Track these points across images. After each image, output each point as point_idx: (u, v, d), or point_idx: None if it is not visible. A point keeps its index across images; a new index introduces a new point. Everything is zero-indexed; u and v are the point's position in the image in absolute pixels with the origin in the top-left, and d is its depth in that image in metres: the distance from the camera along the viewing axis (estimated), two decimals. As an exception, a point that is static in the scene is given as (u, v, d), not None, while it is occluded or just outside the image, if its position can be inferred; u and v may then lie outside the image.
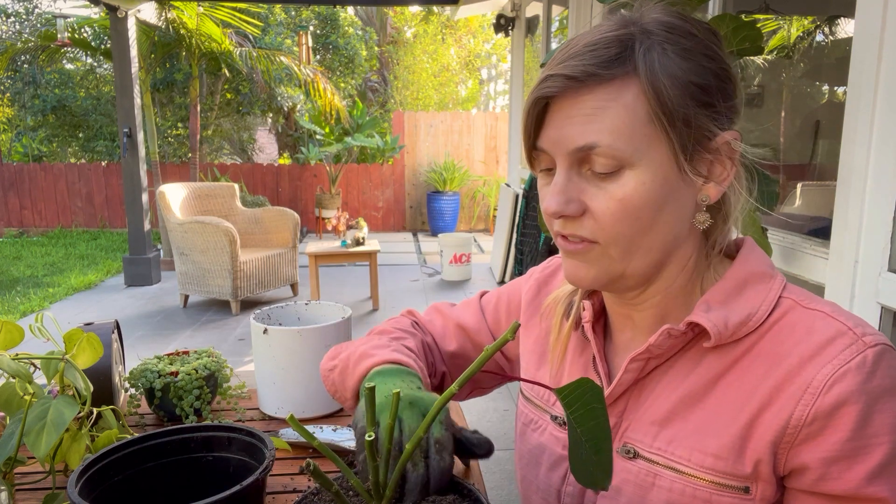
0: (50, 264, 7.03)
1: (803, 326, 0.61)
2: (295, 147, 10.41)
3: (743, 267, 0.66)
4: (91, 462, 0.78)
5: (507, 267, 5.86)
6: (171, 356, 1.30)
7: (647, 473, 0.66)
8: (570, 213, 0.62)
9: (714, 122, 0.61)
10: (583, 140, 0.60)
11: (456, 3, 6.39)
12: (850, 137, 1.45)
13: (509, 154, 6.78)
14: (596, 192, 0.62)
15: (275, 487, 0.99)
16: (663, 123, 0.59)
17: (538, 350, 0.83)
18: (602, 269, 0.64)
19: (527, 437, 0.81)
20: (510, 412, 3.36)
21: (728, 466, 0.61)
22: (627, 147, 0.59)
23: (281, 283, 5.40)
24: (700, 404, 0.64)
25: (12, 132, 10.84)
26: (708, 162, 0.63)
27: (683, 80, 0.59)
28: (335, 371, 0.84)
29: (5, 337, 0.93)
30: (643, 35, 0.61)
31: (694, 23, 0.63)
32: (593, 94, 0.60)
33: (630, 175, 0.60)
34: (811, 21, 2.82)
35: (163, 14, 6.40)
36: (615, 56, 0.59)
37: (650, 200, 0.61)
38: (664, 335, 0.64)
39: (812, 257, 1.66)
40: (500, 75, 15.04)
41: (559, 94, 0.61)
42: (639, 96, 0.59)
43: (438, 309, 0.97)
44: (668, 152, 0.60)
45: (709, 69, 0.61)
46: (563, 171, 0.63)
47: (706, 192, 0.63)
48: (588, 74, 0.59)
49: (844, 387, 0.56)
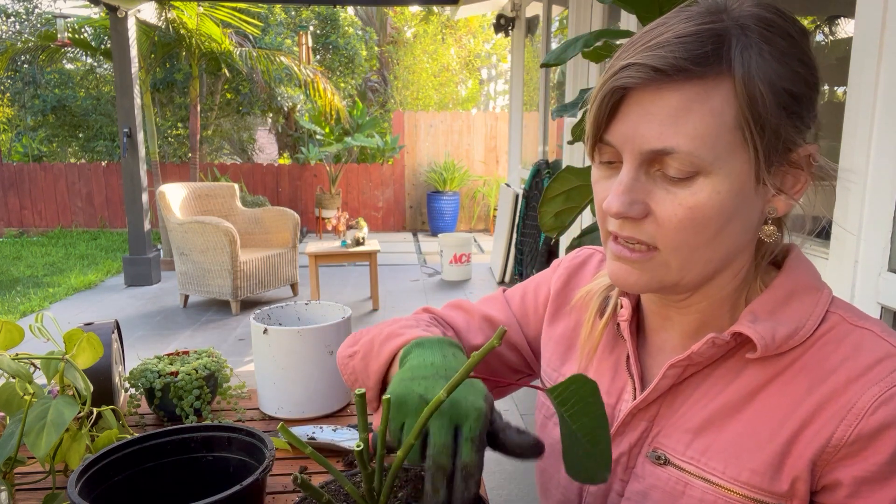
0: (50, 264, 7.03)
1: (850, 344, 0.59)
2: (295, 147, 10.41)
3: (790, 277, 0.64)
4: (91, 462, 0.78)
5: (507, 267, 5.86)
6: (171, 356, 1.30)
7: (677, 482, 0.64)
8: (632, 215, 0.58)
9: (799, 134, 0.57)
10: (660, 143, 0.55)
11: (456, 3, 6.39)
12: (850, 137, 1.45)
13: (509, 154, 6.78)
14: (664, 197, 0.57)
15: (275, 487, 0.99)
16: (752, 132, 0.55)
17: (565, 343, 0.80)
18: (656, 278, 0.61)
19: (548, 429, 0.78)
20: (510, 412, 3.35)
21: (765, 483, 0.59)
22: (708, 154, 0.55)
23: (281, 283, 5.40)
24: (738, 415, 0.61)
25: (12, 132, 10.84)
26: (783, 174, 0.59)
27: (778, 87, 0.55)
28: (356, 357, 0.78)
29: (5, 337, 0.93)
30: (739, 30, 0.55)
31: (790, 21, 0.58)
32: (680, 91, 0.54)
33: (704, 182, 0.56)
34: (811, 21, 2.82)
35: (163, 14, 6.40)
36: (710, 52, 0.54)
37: (721, 211, 0.56)
38: (708, 344, 0.61)
39: (812, 257, 1.66)
40: (500, 75, 15.03)
41: (640, 86, 0.55)
42: (729, 100, 0.54)
43: (458, 304, 0.91)
44: (749, 162, 0.56)
45: (802, 76, 0.56)
46: (630, 170, 0.58)
47: (775, 205, 0.60)
48: (678, 69, 0.54)
49: (890, 410, 0.54)
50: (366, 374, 0.76)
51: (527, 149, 6.35)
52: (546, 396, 0.80)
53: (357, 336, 0.82)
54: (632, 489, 0.67)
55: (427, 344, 0.69)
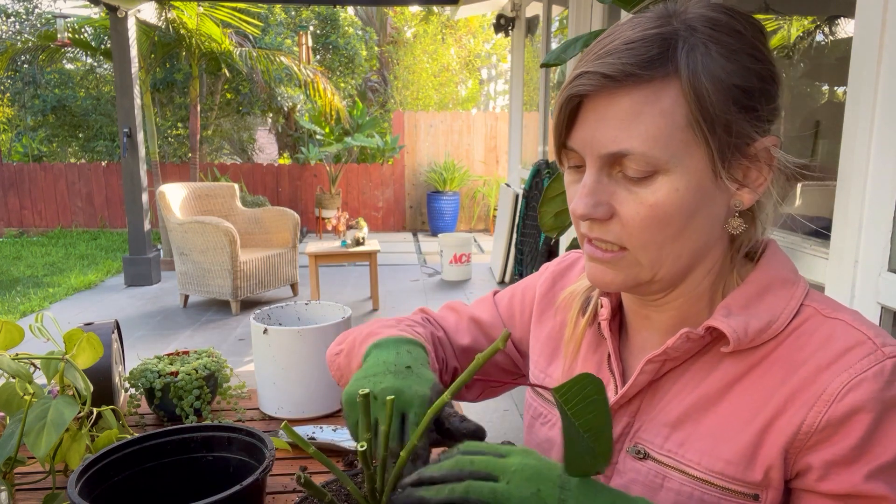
0: (50, 264, 7.03)
1: (822, 335, 0.60)
2: (295, 147, 10.41)
3: (766, 271, 0.65)
4: (91, 462, 0.78)
5: (507, 267, 5.86)
6: (171, 356, 1.30)
7: (655, 475, 0.65)
8: (597, 217, 0.60)
9: (755, 128, 0.59)
10: (616, 146, 0.58)
11: (456, 3, 6.39)
12: (850, 137, 1.44)
13: (509, 154, 6.78)
14: (626, 197, 0.59)
15: (275, 487, 0.99)
16: (703, 129, 0.57)
17: (551, 344, 0.82)
18: (630, 276, 0.63)
19: (535, 430, 0.80)
20: (511, 412, 3.36)
21: (739, 473, 0.60)
22: (663, 154, 0.57)
23: (281, 283, 5.40)
24: (714, 408, 0.63)
25: (12, 132, 10.84)
26: (744, 167, 0.60)
27: (727, 84, 0.56)
28: (341, 355, 0.83)
29: (5, 337, 0.93)
30: (687, 32, 0.57)
31: (740, 18, 0.59)
32: (630, 95, 0.57)
33: (663, 181, 0.58)
34: (811, 21, 2.82)
35: (163, 14, 6.41)
36: (656, 56, 0.56)
37: (682, 207, 0.58)
38: (682, 338, 0.63)
39: (812, 257, 1.66)
40: (500, 75, 15.04)
41: (593, 92, 0.58)
42: (678, 100, 0.56)
43: (451, 306, 0.96)
44: (704, 159, 0.58)
45: (753, 70, 0.58)
46: (592, 173, 0.60)
47: (740, 198, 0.61)
48: (626, 74, 0.56)
49: (859, 395, 0.55)
50: (348, 370, 0.80)
51: (527, 149, 6.35)
52: (535, 398, 0.82)
53: (345, 334, 0.87)
54: (613, 484, 0.69)
55: (384, 344, 0.74)
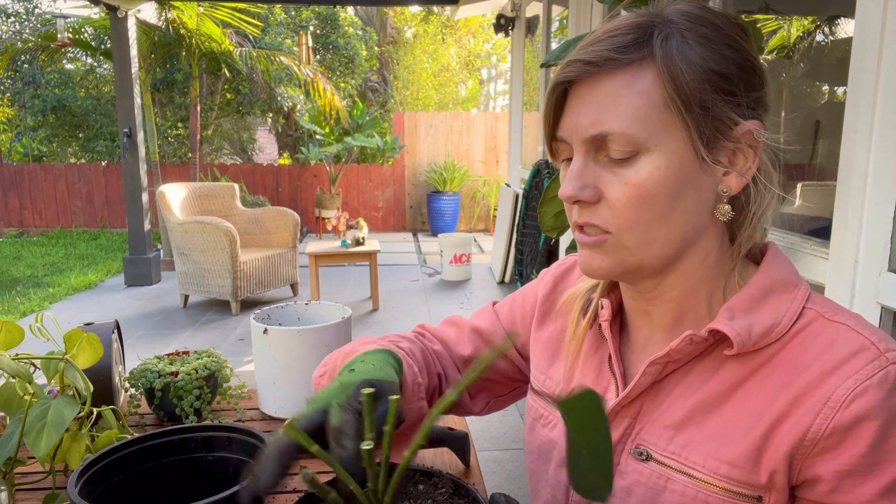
0: (50, 264, 7.03)
1: (826, 338, 0.60)
2: (295, 147, 10.41)
3: (768, 274, 0.65)
4: (91, 462, 0.78)
5: (507, 267, 5.86)
6: (171, 356, 1.30)
7: (658, 476, 0.65)
8: (585, 199, 0.62)
9: (735, 111, 0.60)
10: (597, 128, 0.60)
11: (456, 3, 6.39)
12: (850, 137, 1.44)
13: (509, 154, 6.78)
14: (612, 179, 0.61)
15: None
16: (679, 108, 0.59)
17: (552, 346, 0.83)
18: (617, 260, 0.64)
19: (536, 431, 0.80)
20: (511, 413, 3.36)
21: (743, 475, 0.60)
22: (642, 132, 0.59)
23: (281, 283, 5.40)
24: (717, 411, 0.63)
25: (12, 132, 10.84)
26: (729, 151, 0.62)
27: (702, 67, 0.59)
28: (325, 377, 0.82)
29: (5, 337, 0.93)
30: (664, 23, 0.61)
31: (719, 15, 0.62)
32: (610, 80, 0.60)
33: (645, 160, 0.60)
34: (811, 21, 2.82)
35: (163, 14, 6.41)
36: (633, 41, 0.60)
37: (665, 186, 0.60)
38: (686, 340, 0.63)
39: (812, 257, 1.66)
40: (500, 75, 15.04)
41: (577, 79, 0.61)
42: (655, 81, 0.59)
43: (451, 321, 0.96)
44: (684, 138, 0.60)
45: (730, 58, 0.60)
46: (579, 157, 0.63)
47: (727, 183, 0.63)
48: (605, 59, 0.59)
49: (865, 402, 0.56)
50: None
51: (527, 149, 6.35)
52: (536, 399, 0.82)
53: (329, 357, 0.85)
54: (616, 486, 0.69)
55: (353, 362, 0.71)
